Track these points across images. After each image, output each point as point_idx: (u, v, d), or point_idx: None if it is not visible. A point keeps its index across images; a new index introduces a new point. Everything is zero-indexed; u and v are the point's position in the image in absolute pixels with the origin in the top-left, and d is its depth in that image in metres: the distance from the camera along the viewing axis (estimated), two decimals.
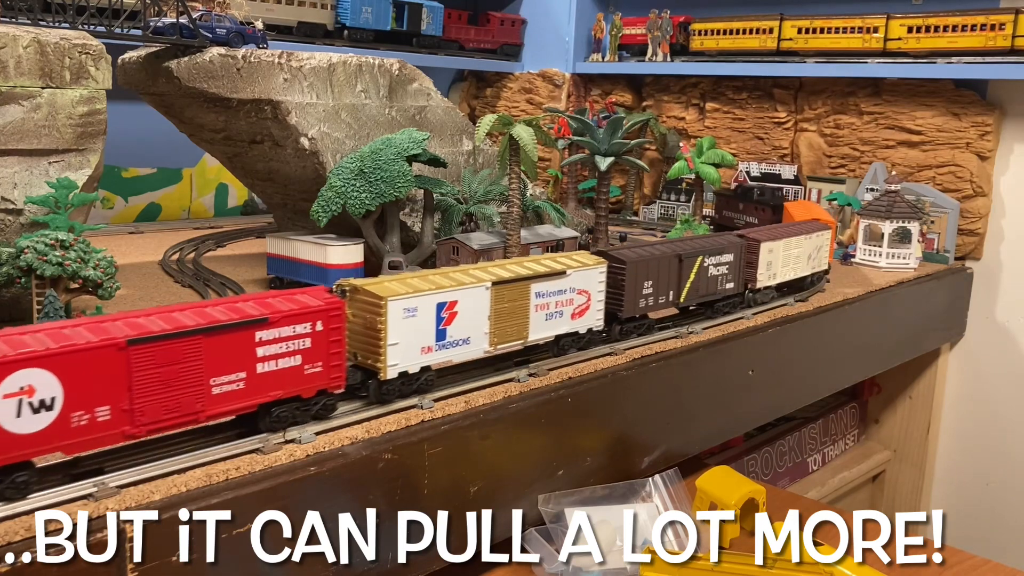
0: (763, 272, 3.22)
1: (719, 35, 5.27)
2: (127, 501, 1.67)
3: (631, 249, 2.78)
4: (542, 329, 2.47)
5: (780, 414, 4.02)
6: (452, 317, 2.22)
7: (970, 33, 4.37)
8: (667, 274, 2.82)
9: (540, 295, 2.43)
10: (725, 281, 3.06)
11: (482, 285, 2.28)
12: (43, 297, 2.40)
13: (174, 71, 3.01)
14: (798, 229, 3.44)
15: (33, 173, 2.58)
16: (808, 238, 3.48)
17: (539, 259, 2.51)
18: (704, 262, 2.94)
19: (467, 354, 2.29)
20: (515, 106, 6.01)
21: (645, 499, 2.56)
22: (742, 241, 3.14)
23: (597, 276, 2.60)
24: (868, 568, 2.06)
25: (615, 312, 2.70)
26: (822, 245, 3.59)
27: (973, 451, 4.84)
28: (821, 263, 3.61)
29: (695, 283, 2.93)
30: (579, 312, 2.57)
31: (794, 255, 3.39)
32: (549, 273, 2.45)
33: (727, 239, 3.09)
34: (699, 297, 2.99)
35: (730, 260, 3.06)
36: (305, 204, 3.30)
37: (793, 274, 3.42)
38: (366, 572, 1.91)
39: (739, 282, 3.13)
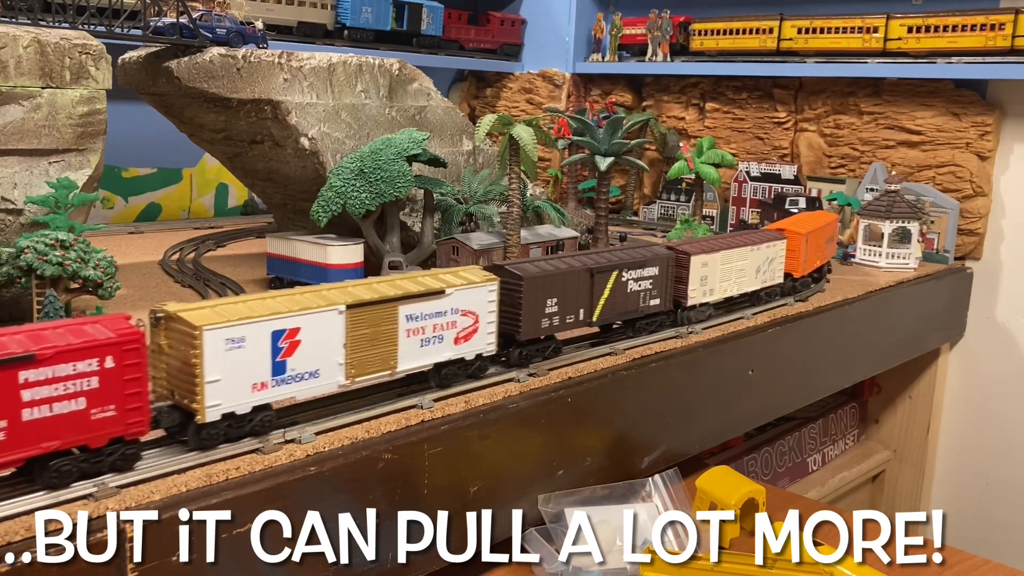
0: (696, 288, 2.95)
1: (719, 35, 5.27)
2: (127, 501, 1.67)
3: (532, 263, 2.51)
4: (416, 357, 2.17)
5: (780, 414, 4.02)
6: (294, 347, 1.92)
7: (970, 33, 4.37)
8: (576, 290, 2.55)
9: (412, 318, 2.14)
10: (648, 297, 2.78)
11: (333, 309, 1.99)
12: (43, 297, 2.40)
13: (174, 71, 3.01)
14: (742, 240, 3.16)
15: (33, 173, 2.58)
16: (755, 249, 3.18)
17: (415, 276, 2.23)
18: (621, 277, 2.67)
19: (316, 389, 1.99)
20: (515, 106, 6.01)
21: (645, 499, 2.56)
22: (669, 254, 2.86)
23: (486, 295, 2.30)
24: (868, 568, 2.06)
25: (512, 334, 2.43)
26: (774, 257, 3.28)
27: (973, 451, 4.84)
28: (775, 276, 3.31)
29: (611, 300, 2.65)
30: (464, 336, 2.27)
31: (736, 268, 3.08)
32: (422, 293, 2.16)
33: (651, 251, 2.82)
34: (616, 315, 2.72)
35: (654, 275, 2.77)
36: (305, 204, 3.30)
37: (736, 289, 3.13)
38: (366, 572, 1.91)
39: (666, 299, 2.85)
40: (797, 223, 3.48)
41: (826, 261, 3.79)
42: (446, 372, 2.27)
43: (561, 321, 2.53)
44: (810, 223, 3.56)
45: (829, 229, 3.79)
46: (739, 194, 5.11)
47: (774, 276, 3.31)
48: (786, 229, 3.36)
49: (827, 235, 3.76)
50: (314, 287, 2.08)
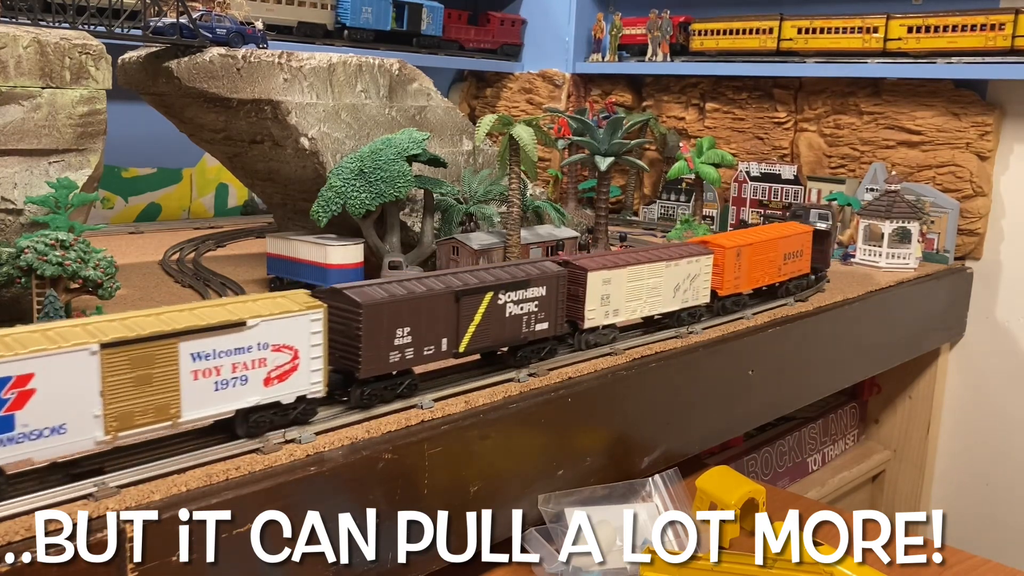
0: (595, 308, 2.64)
1: (719, 35, 5.27)
2: (127, 501, 1.67)
3: (380, 286, 2.15)
4: (209, 403, 1.80)
5: (780, 414, 4.02)
6: (25, 397, 1.56)
7: (970, 33, 4.37)
8: (437, 317, 2.20)
9: (201, 356, 1.77)
10: (534, 321, 2.44)
11: (82, 349, 1.61)
12: (43, 297, 2.40)
13: (174, 71, 3.01)
14: (655, 254, 2.84)
15: (33, 173, 2.58)
16: (672, 265, 2.86)
17: (207, 305, 1.86)
18: (497, 299, 2.33)
19: (63, 447, 1.63)
20: (515, 106, 6.01)
21: (645, 499, 2.56)
22: (560, 271, 2.52)
23: (307, 325, 1.94)
24: (868, 568, 2.06)
25: (351, 371, 2.09)
26: (698, 273, 2.95)
27: (973, 451, 4.84)
28: (698, 295, 2.99)
29: (483, 326, 2.31)
30: (279, 375, 1.91)
31: (648, 286, 2.78)
32: (213, 326, 1.78)
33: (537, 269, 2.48)
34: (491, 343, 2.38)
35: (540, 295, 2.44)
36: (305, 204, 3.30)
37: (648, 309, 2.83)
38: (366, 572, 1.91)
39: (556, 321, 2.52)
40: (733, 236, 3.23)
41: (787, 276, 3.45)
42: (257, 419, 1.91)
43: (417, 353, 2.17)
44: (755, 235, 3.29)
45: (791, 242, 3.44)
46: (739, 194, 5.12)
47: (697, 295, 2.98)
48: (712, 242, 3.08)
49: (789, 248, 3.43)
50: (60, 324, 1.69)
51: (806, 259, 3.56)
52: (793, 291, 3.51)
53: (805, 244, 3.54)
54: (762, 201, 5.04)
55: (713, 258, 3.01)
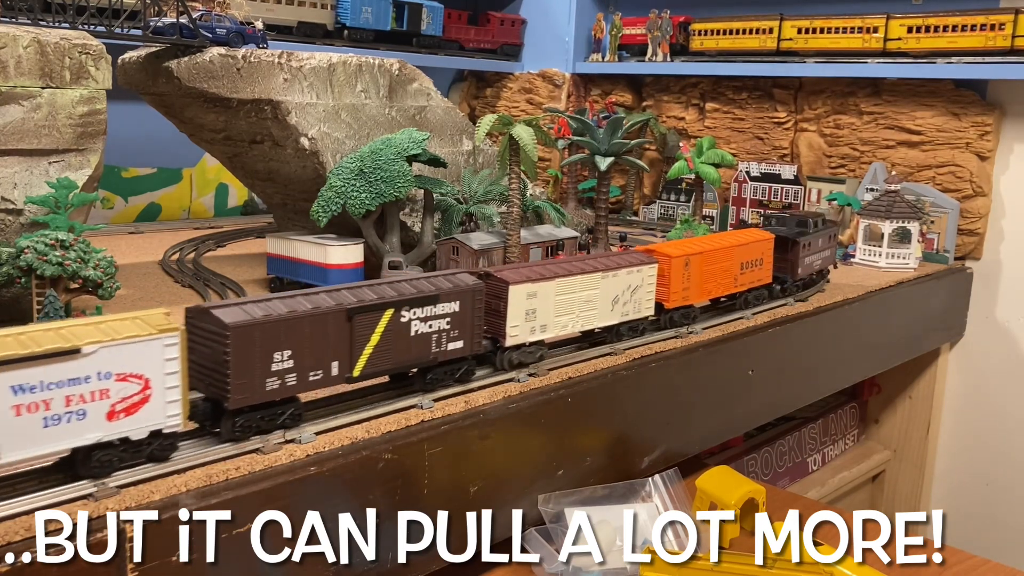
0: (519, 324, 2.41)
1: (719, 35, 5.27)
2: (127, 501, 1.67)
3: (257, 304, 1.92)
4: (36, 442, 1.59)
5: (780, 414, 4.02)
6: None
7: (970, 33, 4.37)
8: (326, 338, 1.98)
9: (24, 389, 1.55)
10: (445, 340, 2.22)
11: None
12: (43, 297, 2.40)
13: (174, 71, 3.01)
14: (591, 265, 2.62)
15: (33, 173, 2.58)
16: (610, 276, 2.63)
17: (40, 329, 1.63)
18: (400, 316, 2.11)
19: None
20: (515, 106, 6.01)
21: (645, 499, 2.56)
22: (476, 285, 2.29)
23: (160, 351, 1.72)
24: (868, 568, 2.06)
25: (219, 400, 1.87)
26: (639, 284, 2.73)
27: (973, 451, 4.84)
28: (641, 307, 2.77)
29: (382, 347, 2.09)
30: (126, 408, 1.69)
31: (581, 299, 2.56)
32: (38, 355, 1.56)
33: (450, 282, 2.25)
34: (393, 365, 2.15)
35: (452, 311, 2.22)
36: (305, 204, 3.30)
37: (582, 324, 2.61)
38: (366, 572, 1.91)
39: (473, 340, 2.29)
40: (682, 244, 3.00)
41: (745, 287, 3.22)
42: (101, 457, 1.69)
43: (301, 379, 1.95)
44: (707, 243, 3.07)
45: (749, 250, 3.20)
46: (739, 194, 5.12)
47: (640, 308, 2.77)
48: (658, 251, 2.87)
49: (746, 256, 3.18)
50: None
51: (767, 268, 3.29)
52: (752, 303, 3.26)
53: (766, 252, 3.28)
54: (762, 201, 5.04)
55: (658, 268, 2.80)
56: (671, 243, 3.02)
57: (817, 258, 3.64)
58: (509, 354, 2.42)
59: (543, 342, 2.51)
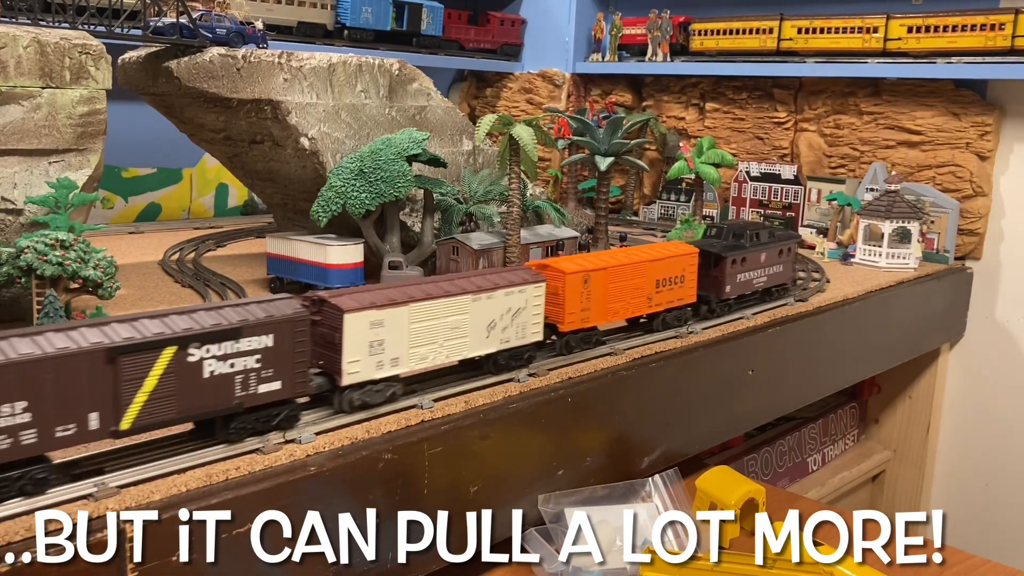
0: (360, 359, 2.05)
1: (719, 35, 5.27)
2: (127, 501, 1.67)
3: None
4: None
5: (780, 414, 4.02)
6: None
7: (970, 33, 4.37)
8: (77, 384, 1.62)
9: None
10: (254, 382, 1.86)
11: None
12: (43, 297, 2.40)
13: (174, 71, 3.01)
14: (458, 286, 2.28)
15: (33, 173, 2.58)
16: (484, 298, 2.30)
17: None
18: (187, 355, 1.75)
19: None
20: (515, 106, 6.01)
21: (645, 499, 2.56)
22: (297, 313, 1.93)
23: None
24: (868, 568, 2.06)
25: None
26: (522, 306, 2.40)
27: (973, 451, 4.84)
28: (526, 332, 2.43)
29: (162, 393, 1.73)
30: None
31: (446, 326, 2.23)
32: None
33: (264, 310, 1.89)
34: (179, 414, 1.78)
35: (265, 346, 1.85)
36: (305, 204, 3.30)
37: (447, 355, 2.26)
38: (366, 572, 1.91)
39: (293, 380, 1.93)
40: (582, 259, 2.70)
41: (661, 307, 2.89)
42: None
43: (44, 436, 1.60)
44: (612, 258, 2.75)
45: (666, 266, 2.86)
46: (739, 194, 5.12)
47: (524, 332, 2.43)
48: (551, 267, 2.56)
49: (663, 272, 2.86)
50: None
51: (689, 286, 2.96)
52: (671, 323, 2.95)
53: (688, 268, 2.94)
54: (762, 201, 5.05)
55: (548, 286, 2.49)
56: (569, 258, 2.72)
57: (759, 275, 3.28)
58: (349, 394, 2.06)
59: (397, 377, 2.16)
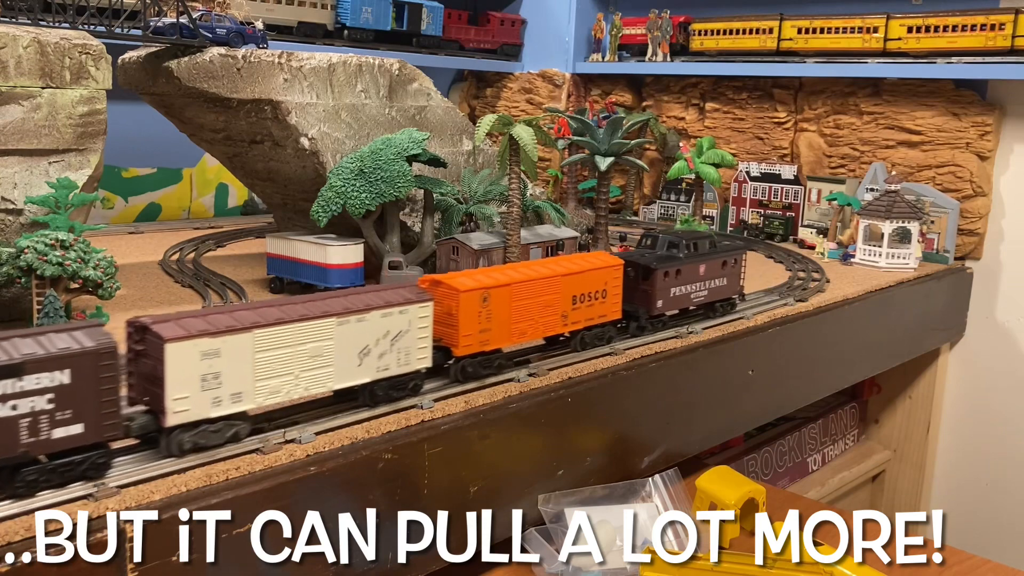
0: (191, 396, 1.77)
1: (719, 35, 5.27)
2: (127, 501, 1.67)
3: None
4: None
5: (780, 414, 4.02)
6: None
7: (970, 33, 4.36)
8: None
9: None
10: (47, 426, 1.59)
11: None
12: (43, 297, 2.40)
13: (174, 71, 3.01)
14: (319, 307, 1.99)
15: (33, 173, 2.58)
16: (352, 321, 2.01)
17: None
18: None
19: None
20: (515, 106, 6.01)
21: (645, 499, 2.56)
22: (101, 345, 1.65)
23: None
24: (868, 568, 2.06)
25: None
26: (405, 328, 2.12)
27: (973, 451, 4.84)
28: (409, 358, 2.15)
29: None
30: None
31: (304, 354, 1.93)
32: None
33: (53, 343, 1.62)
34: None
35: (60, 384, 1.59)
36: (305, 204, 3.30)
37: (306, 387, 1.96)
38: (366, 572, 1.91)
39: (100, 422, 1.66)
40: (482, 274, 2.41)
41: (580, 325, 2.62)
42: None
43: None
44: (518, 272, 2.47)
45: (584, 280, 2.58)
46: (739, 194, 5.12)
47: (408, 359, 2.15)
48: (444, 284, 2.27)
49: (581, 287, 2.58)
50: None
51: (612, 302, 2.69)
52: (591, 343, 2.67)
53: (611, 282, 2.67)
54: (762, 201, 5.05)
55: (441, 306, 2.24)
56: (467, 273, 2.43)
57: (698, 289, 3.00)
58: (178, 435, 1.78)
59: (244, 414, 1.87)
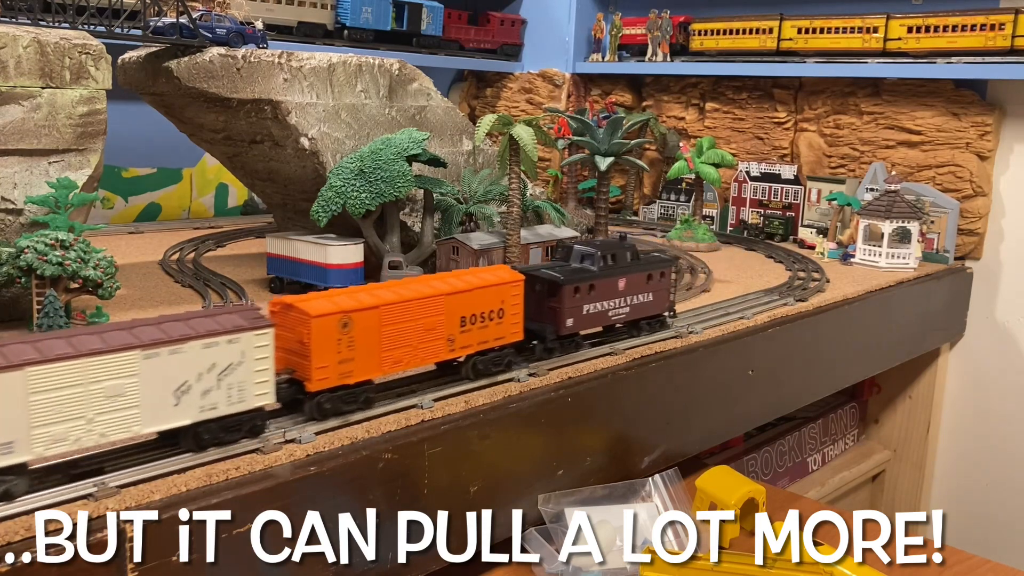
0: None
1: (719, 35, 5.27)
2: (127, 501, 1.67)
3: None
4: None
5: (780, 414, 4.02)
6: None
7: (970, 33, 4.36)
8: None
9: None
10: None
11: None
12: (43, 297, 2.40)
13: (174, 71, 3.01)
14: (118, 338, 1.67)
15: (33, 173, 2.58)
16: (165, 353, 1.71)
17: None
18: None
19: None
20: (515, 106, 6.01)
21: (645, 499, 2.56)
22: None
23: None
24: (868, 568, 2.06)
25: None
26: (235, 361, 1.82)
27: (973, 451, 4.84)
28: (245, 395, 1.85)
29: None
30: None
31: (100, 394, 1.63)
32: None
33: None
34: None
35: None
36: (305, 204, 3.30)
37: (100, 436, 1.65)
38: (366, 572, 1.91)
39: None
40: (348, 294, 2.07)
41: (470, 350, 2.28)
42: None
43: None
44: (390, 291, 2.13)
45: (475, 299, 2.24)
46: (739, 194, 5.12)
47: (242, 396, 1.85)
48: (296, 308, 1.96)
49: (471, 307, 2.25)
50: None
51: (512, 322, 2.36)
52: (485, 369, 2.32)
53: (509, 300, 2.34)
54: (762, 201, 5.05)
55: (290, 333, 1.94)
56: (326, 294, 2.07)
57: (618, 305, 2.66)
58: None
59: (23, 466, 1.57)
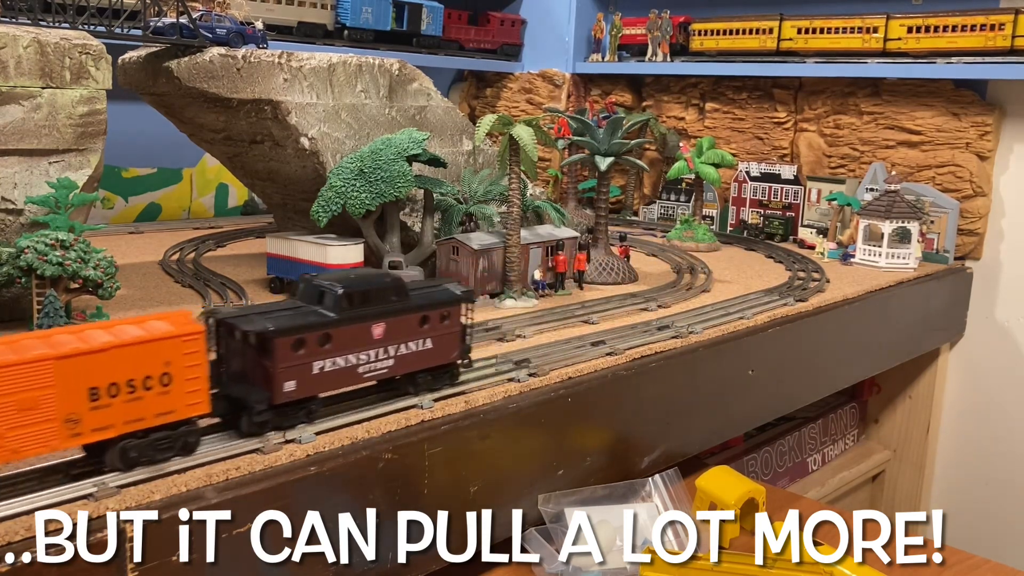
0: None
1: (719, 35, 5.27)
2: (127, 501, 1.67)
3: None
4: None
5: (780, 414, 4.02)
6: None
7: (970, 33, 4.37)
8: None
9: None
10: None
11: None
12: (43, 297, 2.40)
13: (174, 71, 3.01)
14: None
15: (33, 173, 2.58)
16: None
17: None
18: None
19: None
20: (515, 106, 6.01)
21: (645, 499, 2.56)
22: None
23: None
24: (868, 568, 2.06)
25: None
26: None
27: (973, 451, 4.84)
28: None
29: None
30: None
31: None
32: None
33: None
34: None
35: None
36: (305, 204, 3.30)
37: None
38: (366, 572, 1.91)
39: None
40: None
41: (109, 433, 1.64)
42: None
43: None
44: None
45: (120, 360, 1.63)
46: (739, 194, 5.12)
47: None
48: None
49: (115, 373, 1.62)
50: None
51: (185, 390, 1.74)
52: (140, 455, 1.71)
53: (177, 361, 1.70)
54: (762, 201, 5.05)
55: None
56: None
57: (376, 358, 2.06)
58: None
59: None
